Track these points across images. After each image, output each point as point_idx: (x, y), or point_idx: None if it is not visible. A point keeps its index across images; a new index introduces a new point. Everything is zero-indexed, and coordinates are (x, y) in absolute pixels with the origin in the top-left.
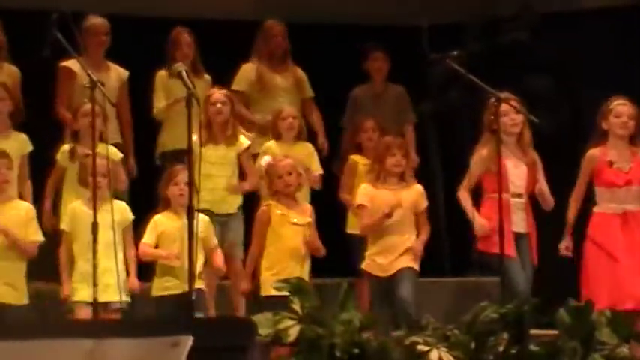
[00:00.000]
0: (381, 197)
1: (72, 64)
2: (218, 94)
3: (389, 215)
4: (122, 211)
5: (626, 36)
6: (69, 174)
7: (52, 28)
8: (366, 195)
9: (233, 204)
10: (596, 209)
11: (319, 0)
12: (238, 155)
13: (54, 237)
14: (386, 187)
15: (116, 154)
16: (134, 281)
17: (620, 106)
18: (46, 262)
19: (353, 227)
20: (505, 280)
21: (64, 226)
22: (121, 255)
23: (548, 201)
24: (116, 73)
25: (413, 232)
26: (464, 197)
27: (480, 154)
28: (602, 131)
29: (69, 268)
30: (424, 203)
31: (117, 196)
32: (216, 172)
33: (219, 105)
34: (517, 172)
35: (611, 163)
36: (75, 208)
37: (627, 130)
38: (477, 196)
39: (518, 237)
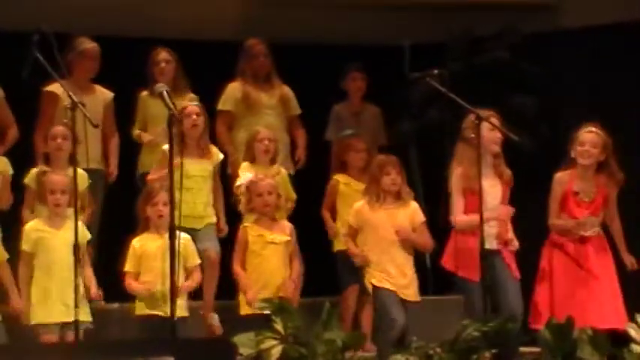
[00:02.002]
0: (376, 218)
1: (55, 88)
2: (193, 106)
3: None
4: (79, 229)
5: (606, 55)
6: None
7: (32, 49)
8: (360, 216)
9: (210, 219)
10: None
11: (302, 21)
12: (214, 167)
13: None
14: (383, 207)
15: (84, 181)
16: (95, 292)
17: (585, 134)
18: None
19: (340, 245)
20: (466, 302)
21: (25, 246)
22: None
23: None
24: (101, 96)
25: (408, 250)
26: (463, 218)
27: (457, 174)
28: (571, 158)
29: (28, 289)
30: (421, 217)
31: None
32: (195, 185)
33: (194, 117)
34: (493, 191)
35: (575, 194)
36: (34, 228)
37: (589, 158)
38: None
39: (490, 254)
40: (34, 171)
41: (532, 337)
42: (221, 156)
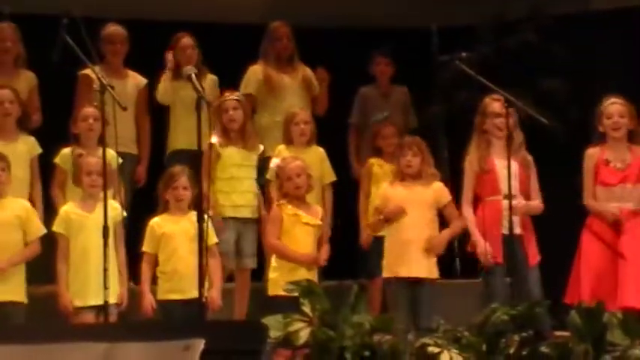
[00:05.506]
0: (394, 194)
1: (89, 71)
2: (229, 100)
3: (386, 219)
4: (113, 210)
5: (636, 37)
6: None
7: (62, 33)
8: (382, 196)
9: (254, 210)
10: None
11: (328, 3)
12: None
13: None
14: (402, 184)
15: (115, 160)
16: (123, 293)
17: (610, 106)
18: (41, 266)
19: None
20: (485, 286)
21: (59, 228)
22: (114, 255)
23: (534, 210)
24: (133, 81)
25: (432, 230)
26: (469, 215)
27: (469, 161)
28: (600, 133)
29: (66, 274)
30: (446, 197)
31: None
32: (240, 174)
33: (231, 112)
34: (507, 171)
35: (607, 162)
36: (67, 212)
37: (619, 130)
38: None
39: (512, 239)
40: (65, 150)
41: (561, 321)
42: (261, 147)
